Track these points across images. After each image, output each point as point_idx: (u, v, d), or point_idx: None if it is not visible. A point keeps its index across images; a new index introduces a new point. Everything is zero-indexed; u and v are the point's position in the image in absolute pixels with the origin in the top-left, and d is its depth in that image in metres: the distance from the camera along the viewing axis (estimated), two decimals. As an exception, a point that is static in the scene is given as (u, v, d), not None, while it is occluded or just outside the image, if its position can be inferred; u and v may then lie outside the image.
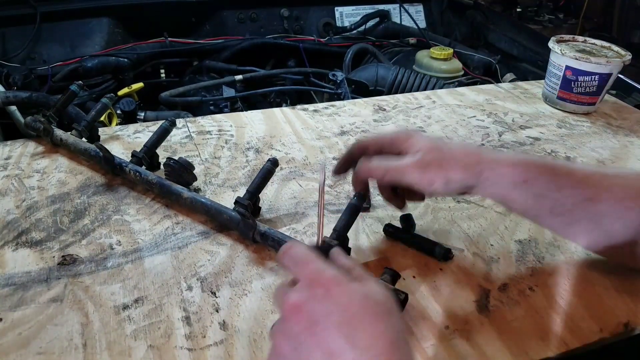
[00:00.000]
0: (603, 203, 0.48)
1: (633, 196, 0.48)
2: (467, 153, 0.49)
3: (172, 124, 0.69)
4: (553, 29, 2.41)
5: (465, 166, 0.49)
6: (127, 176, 0.66)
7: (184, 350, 0.45)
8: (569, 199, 0.48)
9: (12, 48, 1.18)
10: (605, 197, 0.48)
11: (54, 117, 0.75)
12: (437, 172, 0.49)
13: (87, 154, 0.70)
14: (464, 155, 0.49)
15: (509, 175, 0.48)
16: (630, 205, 0.48)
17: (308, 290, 0.36)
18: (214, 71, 1.29)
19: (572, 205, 0.49)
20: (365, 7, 1.54)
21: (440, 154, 0.49)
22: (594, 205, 0.48)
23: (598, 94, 0.92)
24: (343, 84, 1.13)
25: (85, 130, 0.73)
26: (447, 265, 0.55)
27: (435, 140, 0.51)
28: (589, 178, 0.49)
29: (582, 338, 0.48)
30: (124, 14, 1.31)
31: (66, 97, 0.76)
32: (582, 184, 0.49)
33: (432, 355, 0.45)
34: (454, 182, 0.49)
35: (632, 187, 0.48)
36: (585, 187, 0.48)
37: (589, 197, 0.48)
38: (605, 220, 0.48)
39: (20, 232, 0.58)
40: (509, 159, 0.49)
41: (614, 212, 0.48)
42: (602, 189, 0.48)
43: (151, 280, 0.52)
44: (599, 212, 0.48)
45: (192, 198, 0.60)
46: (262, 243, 0.56)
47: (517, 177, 0.48)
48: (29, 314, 0.47)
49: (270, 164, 0.59)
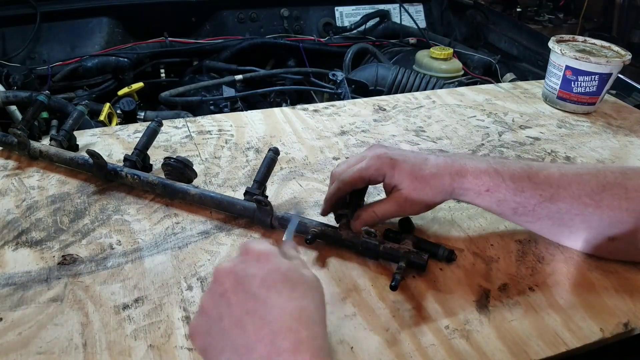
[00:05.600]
0: (561, 202, 0.53)
1: (589, 193, 0.53)
2: (442, 182, 0.55)
3: (159, 124, 0.69)
4: (553, 29, 2.41)
5: (441, 192, 0.55)
6: (123, 181, 0.65)
7: (184, 350, 0.45)
8: (531, 200, 0.54)
9: (12, 48, 1.18)
10: (563, 196, 0.53)
11: (25, 130, 0.70)
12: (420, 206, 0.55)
13: (73, 163, 0.67)
14: (439, 184, 0.54)
15: (473, 186, 0.54)
16: (587, 202, 0.53)
17: (240, 258, 0.40)
18: (213, 71, 1.29)
19: (534, 206, 0.54)
20: (365, 7, 1.54)
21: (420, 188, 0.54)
22: (554, 204, 0.53)
23: (598, 94, 0.92)
24: (343, 83, 1.13)
25: (64, 140, 0.70)
26: (447, 265, 0.55)
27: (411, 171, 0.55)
28: (549, 179, 0.54)
29: (582, 338, 0.48)
30: (124, 14, 1.31)
31: (35, 108, 0.72)
32: (542, 185, 0.54)
33: (432, 355, 0.45)
34: (430, 203, 0.56)
35: (587, 184, 0.53)
36: (545, 188, 0.53)
37: (549, 197, 0.53)
38: (565, 216, 0.54)
39: (20, 232, 0.58)
40: (474, 170, 0.55)
41: (572, 208, 0.53)
42: (561, 188, 0.53)
43: (151, 280, 0.52)
44: (559, 210, 0.54)
45: (200, 194, 0.61)
46: (279, 228, 0.58)
47: (479, 187, 0.54)
48: (29, 314, 0.47)
49: (272, 153, 0.60)
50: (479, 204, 0.56)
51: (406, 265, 0.52)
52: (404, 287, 0.52)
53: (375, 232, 0.53)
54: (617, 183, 0.53)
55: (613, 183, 0.53)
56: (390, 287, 0.49)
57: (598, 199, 0.53)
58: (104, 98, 1.15)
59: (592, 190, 0.53)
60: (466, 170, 0.55)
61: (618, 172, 0.54)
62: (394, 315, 0.49)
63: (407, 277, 0.53)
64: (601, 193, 0.53)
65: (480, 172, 0.54)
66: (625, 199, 0.52)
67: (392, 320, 0.48)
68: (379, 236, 0.54)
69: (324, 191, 0.67)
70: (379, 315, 0.49)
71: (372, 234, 0.53)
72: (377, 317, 0.49)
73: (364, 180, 0.56)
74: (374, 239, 0.53)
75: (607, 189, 0.53)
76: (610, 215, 0.52)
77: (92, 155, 0.63)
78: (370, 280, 0.53)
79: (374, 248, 0.54)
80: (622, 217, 0.52)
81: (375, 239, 0.53)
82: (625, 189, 0.53)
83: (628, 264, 0.57)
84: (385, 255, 0.54)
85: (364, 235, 0.53)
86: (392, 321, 0.48)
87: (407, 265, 0.52)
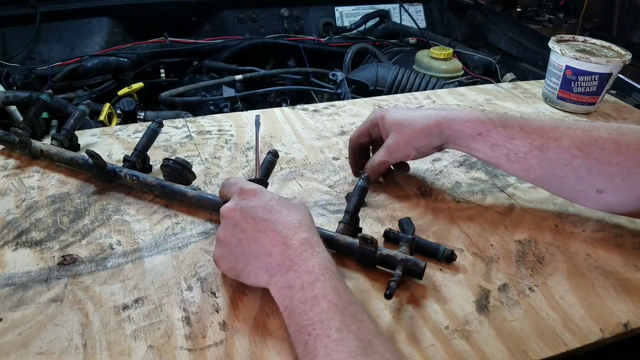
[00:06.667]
0: (551, 151, 0.56)
1: (579, 145, 0.55)
2: (427, 122, 0.60)
3: (159, 125, 0.69)
4: (553, 28, 2.41)
5: (427, 133, 0.60)
6: (122, 182, 0.65)
7: (184, 350, 0.45)
8: (521, 148, 0.57)
9: (12, 48, 1.18)
10: (554, 146, 0.56)
11: (27, 129, 0.71)
12: (406, 147, 0.62)
13: (74, 163, 0.67)
14: (424, 125, 0.60)
15: (465, 130, 0.59)
16: (577, 154, 0.55)
17: (238, 197, 0.49)
18: (213, 71, 1.29)
19: (525, 153, 0.57)
20: (365, 7, 1.54)
21: (405, 131, 0.61)
22: (543, 153, 0.56)
23: (598, 94, 0.92)
24: (343, 83, 1.13)
25: (66, 139, 0.71)
26: (446, 266, 0.55)
27: (399, 118, 0.62)
28: (541, 129, 0.57)
29: (582, 338, 0.48)
30: (124, 13, 1.31)
31: (37, 107, 0.73)
32: (533, 134, 0.57)
33: (432, 356, 0.45)
34: (423, 147, 0.62)
35: (579, 138, 0.56)
36: (536, 137, 0.57)
37: (539, 146, 0.57)
38: (555, 165, 0.56)
39: (20, 232, 0.58)
40: (464, 117, 0.59)
41: (561, 158, 0.56)
42: (552, 139, 0.56)
43: (151, 281, 0.52)
44: (549, 159, 0.56)
45: (197, 196, 0.61)
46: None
47: (472, 130, 0.59)
48: (29, 314, 0.47)
49: (272, 156, 0.60)
50: (474, 147, 0.59)
51: (403, 272, 0.50)
52: (403, 287, 0.52)
53: (372, 239, 0.51)
54: (609, 138, 0.55)
55: (605, 138, 0.55)
56: (385, 296, 0.47)
57: (587, 151, 0.55)
58: (104, 98, 1.15)
59: (582, 143, 0.55)
60: (455, 114, 0.60)
61: (613, 129, 0.56)
62: (393, 315, 0.49)
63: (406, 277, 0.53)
64: (591, 146, 0.55)
65: (471, 117, 0.59)
66: (615, 153, 0.54)
67: (392, 320, 0.48)
68: (375, 243, 0.51)
69: (324, 191, 0.67)
70: (379, 316, 0.49)
71: (368, 241, 0.51)
72: (376, 317, 0.49)
73: (363, 133, 0.66)
74: (370, 246, 0.52)
75: (599, 143, 0.54)
76: (599, 167, 0.54)
77: (91, 155, 0.63)
78: (370, 281, 0.53)
79: (371, 255, 0.52)
80: (611, 171, 0.54)
81: (372, 246, 0.52)
82: (617, 144, 0.54)
83: (628, 264, 0.57)
84: (382, 263, 0.53)
85: (360, 242, 0.52)
86: (391, 321, 0.48)
87: (404, 272, 0.50)
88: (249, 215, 0.47)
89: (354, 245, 0.53)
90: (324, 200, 0.65)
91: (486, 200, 0.67)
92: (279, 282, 0.43)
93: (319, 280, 0.41)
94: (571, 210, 0.65)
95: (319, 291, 0.40)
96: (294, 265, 0.43)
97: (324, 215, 0.63)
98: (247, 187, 0.49)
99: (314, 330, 0.38)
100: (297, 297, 0.41)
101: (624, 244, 0.60)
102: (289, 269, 0.43)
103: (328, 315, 0.38)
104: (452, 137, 0.60)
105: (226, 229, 0.48)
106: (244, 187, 0.49)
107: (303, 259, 0.43)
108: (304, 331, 0.39)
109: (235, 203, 0.48)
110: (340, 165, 0.73)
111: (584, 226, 0.63)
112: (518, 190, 0.69)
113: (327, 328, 0.38)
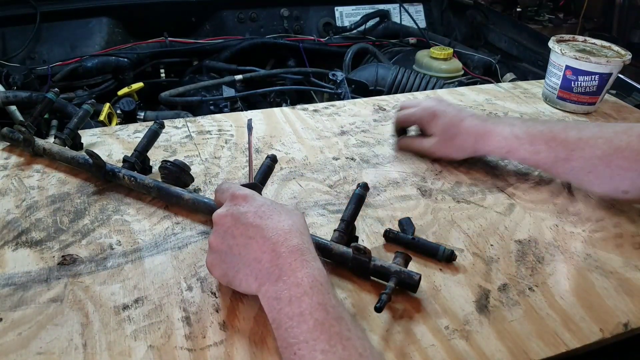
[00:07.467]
0: (574, 162, 0.63)
1: (600, 155, 0.61)
2: (466, 140, 0.70)
3: (161, 126, 0.69)
4: (553, 28, 2.41)
5: (464, 150, 0.71)
6: (121, 182, 0.65)
7: (184, 350, 0.45)
8: (548, 160, 0.65)
9: (12, 48, 1.18)
10: (576, 157, 0.63)
11: (32, 127, 0.71)
12: (449, 149, 0.72)
13: (74, 162, 0.67)
14: (463, 141, 0.70)
15: (497, 147, 0.68)
16: (598, 163, 0.61)
17: (230, 202, 0.49)
18: (213, 71, 1.29)
19: (551, 164, 0.65)
20: (365, 7, 1.54)
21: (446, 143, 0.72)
22: (568, 163, 0.64)
23: (598, 94, 0.92)
24: (343, 83, 1.13)
25: (69, 138, 0.71)
26: (446, 266, 0.55)
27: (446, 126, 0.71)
28: (565, 142, 0.64)
29: (582, 338, 0.48)
30: (124, 14, 1.31)
31: (44, 106, 0.74)
32: (557, 148, 0.64)
33: (432, 356, 0.45)
34: (455, 157, 0.73)
35: (600, 148, 0.61)
36: (560, 151, 0.64)
37: (564, 158, 0.64)
38: (580, 173, 0.63)
39: (20, 232, 0.58)
40: (497, 136, 0.68)
41: (585, 167, 0.62)
42: (575, 151, 0.63)
43: (151, 281, 0.52)
44: (573, 168, 0.63)
45: (193, 199, 0.60)
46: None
47: (502, 149, 0.68)
48: (29, 314, 0.47)
49: (270, 160, 0.59)
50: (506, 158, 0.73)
51: (396, 285, 0.49)
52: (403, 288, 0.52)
53: (365, 249, 0.50)
54: (629, 147, 0.59)
55: (625, 147, 0.60)
56: (375, 309, 0.46)
57: (607, 160, 0.60)
58: (104, 98, 1.15)
59: (603, 153, 0.61)
60: (490, 135, 0.68)
61: (635, 135, 0.60)
62: (393, 315, 0.49)
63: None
64: (611, 155, 0.60)
65: (503, 137, 0.67)
66: (635, 161, 0.59)
67: (392, 320, 0.48)
68: (369, 253, 0.51)
69: (324, 191, 0.67)
70: (378, 316, 0.49)
71: (361, 251, 0.50)
72: (376, 317, 0.49)
73: (409, 123, 0.78)
74: (363, 256, 0.51)
75: (619, 152, 0.60)
76: (620, 174, 0.60)
77: (90, 155, 0.63)
78: (369, 281, 0.53)
79: (365, 265, 0.51)
80: (632, 175, 0.59)
81: (365, 256, 0.51)
82: (637, 152, 0.59)
83: (628, 264, 0.57)
84: (375, 274, 0.52)
85: (354, 252, 0.51)
86: (391, 321, 0.48)
87: (397, 284, 0.49)
88: (240, 222, 0.46)
89: (347, 255, 0.52)
90: (324, 200, 0.65)
91: (486, 200, 0.67)
92: (267, 291, 0.43)
93: (306, 294, 0.41)
94: (571, 210, 0.65)
95: (305, 307, 0.40)
96: (282, 276, 0.42)
97: (324, 215, 0.63)
98: (239, 193, 0.49)
99: (299, 350, 0.38)
100: (284, 311, 0.41)
101: (624, 244, 0.60)
102: (278, 279, 0.42)
103: (314, 335, 0.38)
104: (485, 150, 0.70)
105: (217, 236, 0.47)
106: (236, 193, 0.49)
107: (292, 269, 0.42)
108: (290, 349, 0.39)
109: (226, 209, 0.48)
110: (340, 165, 0.73)
111: (584, 226, 0.63)
112: (518, 190, 0.69)
113: (312, 350, 0.38)
